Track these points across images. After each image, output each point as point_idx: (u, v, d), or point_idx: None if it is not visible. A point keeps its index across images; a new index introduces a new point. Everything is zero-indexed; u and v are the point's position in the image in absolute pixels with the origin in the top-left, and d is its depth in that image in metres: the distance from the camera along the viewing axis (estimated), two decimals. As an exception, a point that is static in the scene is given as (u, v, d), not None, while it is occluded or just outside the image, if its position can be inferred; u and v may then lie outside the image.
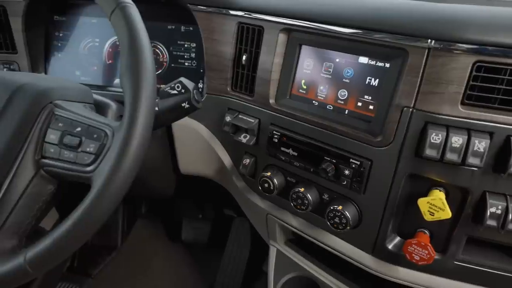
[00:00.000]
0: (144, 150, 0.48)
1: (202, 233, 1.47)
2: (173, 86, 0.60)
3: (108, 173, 0.45)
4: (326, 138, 0.70)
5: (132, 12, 0.51)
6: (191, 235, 1.46)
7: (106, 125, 0.52)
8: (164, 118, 0.62)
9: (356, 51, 0.66)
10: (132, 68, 0.47)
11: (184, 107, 0.60)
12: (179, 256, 1.50)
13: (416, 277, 0.69)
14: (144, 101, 0.47)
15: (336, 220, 0.70)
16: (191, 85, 0.61)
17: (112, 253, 1.50)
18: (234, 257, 1.37)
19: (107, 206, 0.46)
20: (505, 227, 0.57)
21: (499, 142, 0.55)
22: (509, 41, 0.51)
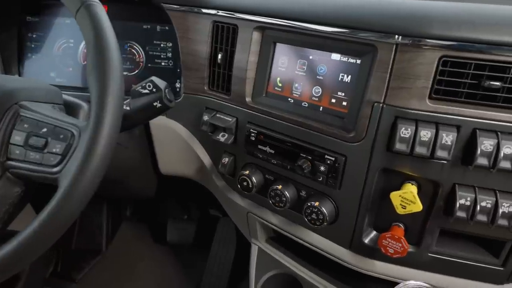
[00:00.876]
0: (112, 149, 0.48)
1: (187, 234, 1.46)
2: (144, 86, 0.60)
3: (74, 173, 0.45)
4: (302, 135, 0.70)
5: (97, 10, 0.50)
6: (176, 236, 1.46)
7: (73, 125, 0.51)
8: (136, 117, 0.61)
9: (329, 48, 0.66)
10: (98, 67, 0.47)
11: (156, 106, 0.60)
12: (165, 257, 1.49)
13: (393, 270, 0.70)
14: (111, 100, 0.47)
15: (313, 216, 0.71)
16: (162, 84, 0.60)
17: (97, 257, 1.49)
18: (220, 257, 1.37)
19: (74, 206, 0.45)
20: (474, 218, 0.58)
21: (466, 135, 0.56)
22: (472, 36, 0.53)
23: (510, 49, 0.52)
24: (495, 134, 0.54)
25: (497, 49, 0.52)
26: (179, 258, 1.49)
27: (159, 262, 1.48)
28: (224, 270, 1.33)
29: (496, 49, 0.52)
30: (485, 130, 0.55)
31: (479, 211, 0.58)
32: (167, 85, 0.61)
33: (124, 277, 1.44)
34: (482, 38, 0.52)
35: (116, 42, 0.51)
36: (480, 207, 0.58)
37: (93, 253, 1.49)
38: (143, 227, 1.61)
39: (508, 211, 0.57)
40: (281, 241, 0.90)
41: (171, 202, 1.57)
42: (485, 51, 0.53)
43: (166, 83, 0.61)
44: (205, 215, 1.51)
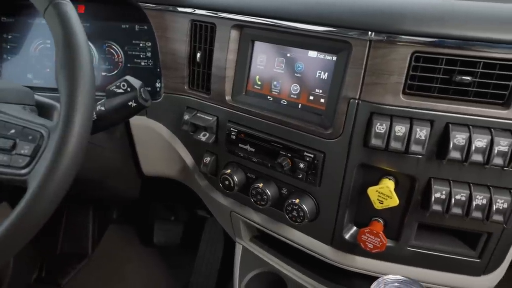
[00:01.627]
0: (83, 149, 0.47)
1: (174, 235, 1.45)
2: (119, 85, 0.59)
3: (43, 174, 0.44)
4: (281, 133, 0.70)
5: (66, 9, 0.49)
6: (162, 238, 1.45)
7: (42, 126, 0.50)
8: (112, 117, 0.60)
9: (305, 45, 0.67)
10: (67, 65, 0.46)
11: (131, 105, 0.59)
12: (152, 260, 1.48)
13: (373, 265, 0.71)
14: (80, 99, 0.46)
15: (294, 214, 0.71)
16: (137, 83, 0.60)
17: (83, 261, 1.46)
18: (207, 257, 1.36)
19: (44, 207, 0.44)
20: (449, 211, 0.59)
21: (439, 130, 0.57)
22: (442, 32, 0.53)
23: (479, 44, 0.53)
24: (467, 128, 0.55)
25: (466, 45, 0.53)
26: (167, 260, 1.48)
27: (146, 264, 1.47)
28: (212, 270, 1.33)
29: (466, 45, 0.53)
30: (458, 124, 0.56)
31: (454, 204, 0.59)
32: (142, 85, 0.61)
33: (111, 280, 1.42)
34: (452, 33, 0.53)
35: (86, 40, 0.50)
36: (454, 200, 0.58)
37: (79, 257, 1.47)
38: (130, 229, 1.59)
39: (482, 204, 0.58)
40: (265, 239, 0.90)
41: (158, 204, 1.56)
42: (455, 47, 0.53)
43: (141, 83, 0.61)
44: (193, 216, 1.50)
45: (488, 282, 0.69)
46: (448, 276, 0.69)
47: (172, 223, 1.48)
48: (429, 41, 0.54)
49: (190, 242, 1.44)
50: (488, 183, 0.58)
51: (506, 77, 0.53)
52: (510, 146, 0.54)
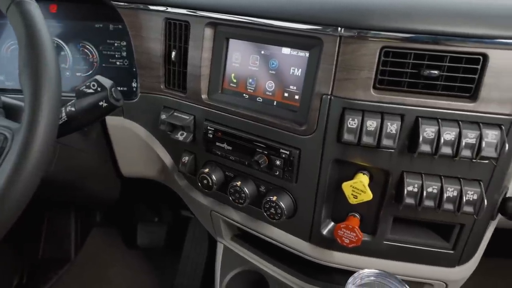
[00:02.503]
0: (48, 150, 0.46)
1: (158, 236, 1.44)
2: (89, 85, 0.58)
3: (8, 175, 0.43)
4: (257, 131, 0.70)
5: (28, 7, 0.48)
6: (146, 240, 1.43)
7: (6, 128, 0.49)
8: (83, 118, 0.59)
9: (279, 42, 0.67)
10: (30, 65, 0.45)
11: (102, 106, 0.58)
12: (137, 262, 1.46)
13: (351, 260, 0.72)
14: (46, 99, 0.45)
15: (272, 211, 0.71)
16: (108, 83, 0.59)
17: (65, 265, 1.44)
18: (192, 257, 1.35)
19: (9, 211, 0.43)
20: (421, 204, 0.60)
21: (409, 124, 0.57)
22: (410, 27, 0.54)
23: (445, 38, 0.53)
24: (436, 121, 0.56)
25: (433, 39, 0.54)
26: (152, 262, 1.46)
27: (130, 267, 1.45)
28: (197, 271, 1.32)
29: (433, 39, 0.54)
30: (427, 117, 0.57)
31: (426, 196, 0.59)
32: (113, 84, 0.60)
33: (94, 284, 1.40)
34: (419, 28, 0.54)
35: (50, 39, 0.49)
36: (426, 193, 0.59)
37: (62, 261, 1.44)
38: (114, 232, 1.57)
39: (453, 196, 0.59)
40: (247, 238, 0.90)
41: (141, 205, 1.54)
42: (423, 41, 0.54)
43: (112, 82, 0.60)
44: (177, 217, 1.49)
45: (462, 273, 0.70)
46: (424, 268, 0.70)
47: (156, 224, 1.47)
48: (397, 36, 0.55)
49: (174, 243, 1.43)
50: (459, 175, 0.60)
51: (472, 70, 0.54)
52: (477, 138, 0.55)
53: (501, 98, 0.54)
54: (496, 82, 0.54)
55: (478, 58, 0.54)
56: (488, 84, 0.54)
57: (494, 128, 0.55)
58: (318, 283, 0.80)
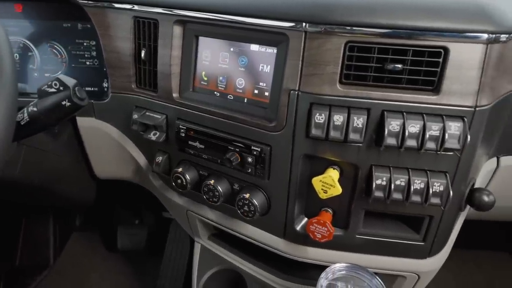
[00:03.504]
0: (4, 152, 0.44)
1: (139, 239, 1.42)
2: (51, 84, 0.57)
3: None
4: (229, 128, 0.70)
5: None
6: (127, 243, 1.41)
7: None
8: (46, 118, 0.58)
9: (247, 39, 0.66)
10: None
11: (65, 105, 0.57)
12: (118, 266, 1.44)
13: (325, 255, 0.72)
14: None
15: (246, 209, 0.71)
16: (71, 82, 0.58)
17: (44, 272, 1.40)
18: (174, 259, 1.34)
19: None
20: (390, 196, 0.60)
21: (376, 117, 0.58)
22: (372, 21, 0.55)
23: (407, 32, 0.54)
24: (401, 114, 0.57)
25: (395, 33, 0.54)
26: (133, 265, 1.44)
27: (112, 271, 1.43)
28: (179, 272, 1.31)
29: (395, 33, 0.54)
30: (392, 111, 0.57)
31: (394, 189, 0.60)
32: (76, 83, 0.58)
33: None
34: (382, 23, 0.54)
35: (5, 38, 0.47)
36: (394, 186, 0.60)
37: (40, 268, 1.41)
38: (94, 236, 1.55)
39: (420, 188, 0.60)
40: (224, 237, 0.90)
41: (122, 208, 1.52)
42: (385, 35, 0.55)
43: (75, 81, 0.59)
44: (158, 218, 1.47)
45: (433, 264, 0.71)
46: (396, 261, 0.71)
47: (136, 226, 1.45)
48: (360, 30, 0.55)
49: (156, 245, 1.41)
50: (425, 167, 0.60)
51: (434, 64, 0.55)
52: (441, 130, 0.56)
53: (463, 90, 0.55)
54: (458, 75, 0.55)
55: (439, 51, 0.55)
56: (450, 77, 0.55)
57: (456, 120, 0.56)
58: (295, 279, 0.80)
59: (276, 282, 0.80)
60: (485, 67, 0.55)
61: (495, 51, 0.55)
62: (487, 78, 0.55)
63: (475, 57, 0.54)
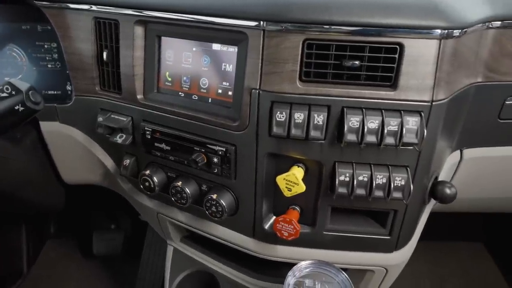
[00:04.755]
0: None
1: (115, 244, 1.39)
2: (2, 89, 0.55)
3: None
4: (194, 129, 0.69)
5: None
6: (103, 248, 1.38)
7: None
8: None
9: (209, 38, 0.66)
10: None
11: (18, 110, 0.55)
12: (95, 273, 1.41)
13: (294, 252, 0.72)
14: None
15: (213, 209, 0.70)
16: (24, 86, 0.56)
17: (17, 281, 1.36)
18: (151, 263, 1.32)
19: None
20: (353, 192, 0.61)
21: (336, 114, 0.58)
22: (328, 19, 0.55)
23: (362, 29, 0.54)
24: (360, 110, 0.57)
25: (351, 30, 0.55)
26: (111, 270, 1.41)
27: (89, 278, 1.40)
28: (156, 275, 1.29)
29: (351, 30, 0.55)
30: (352, 107, 0.58)
31: (357, 185, 0.61)
32: (30, 87, 0.57)
33: (49, 299, 1.34)
34: (337, 20, 0.54)
35: None
36: (357, 181, 0.60)
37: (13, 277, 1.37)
38: (70, 243, 1.51)
39: (382, 182, 0.60)
40: (197, 239, 0.89)
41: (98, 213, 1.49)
42: (342, 32, 0.55)
43: (29, 85, 0.57)
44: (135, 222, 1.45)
45: (400, 257, 0.72)
46: (364, 255, 0.71)
47: (112, 231, 1.42)
48: (318, 28, 0.55)
49: (133, 249, 1.39)
50: (387, 162, 0.61)
51: (390, 60, 0.56)
52: (399, 125, 0.56)
53: (419, 85, 0.56)
54: (414, 70, 0.56)
55: (395, 47, 0.55)
56: (406, 72, 0.56)
57: (414, 115, 0.57)
58: (267, 278, 0.80)
59: (248, 281, 0.80)
60: (439, 62, 0.56)
61: (449, 47, 0.56)
62: (442, 73, 0.56)
63: (430, 53, 0.55)
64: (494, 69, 0.66)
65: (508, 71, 0.67)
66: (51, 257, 1.47)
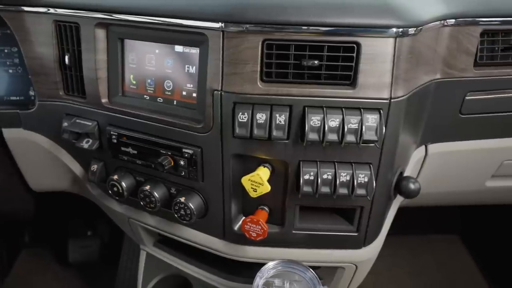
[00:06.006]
0: None
1: (91, 251, 1.36)
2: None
3: None
4: (160, 132, 0.68)
5: None
6: (78, 256, 1.35)
7: None
8: None
9: (171, 40, 0.65)
10: None
11: None
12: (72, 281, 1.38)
13: (264, 252, 0.72)
14: None
15: (182, 212, 0.70)
16: None
17: (-10, 293, 1.32)
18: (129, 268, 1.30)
19: None
20: (318, 191, 0.61)
21: (298, 114, 0.59)
22: (285, 19, 0.55)
23: (319, 29, 0.55)
24: (321, 109, 0.58)
25: (308, 30, 0.55)
26: (88, 278, 1.38)
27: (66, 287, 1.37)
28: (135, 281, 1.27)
29: (308, 30, 0.55)
30: (313, 107, 0.58)
31: (322, 183, 0.61)
32: None
33: (24, 310, 1.30)
34: (293, 20, 0.55)
35: None
36: (322, 180, 0.61)
37: (-14, 290, 1.32)
38: (46, 252, 1.47)
39: (346, 180, 0.61)
40: (170, 243, 0.88)
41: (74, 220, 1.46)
42: (299, 32, 0.55)
43: None
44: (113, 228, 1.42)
45: (369, 253, 0.73)
46: (334, 253, 0.72)
47: (89, 238, 1.39)
48: (274, 28, 0.55)
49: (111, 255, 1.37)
50: (351, 160, 0.62)
51: (349, 58, 0.57)
52: (359, 123, 0.57)
53: (377, 83, 0.57)
54: (371, 68, 0.57)
55: (352, 46, 0.56)
56: (364, 70, 0.57)
57: (373, 113, 0.57)
58: (240, 279, 0.80)
59: (221, 283, 0.80)
60: (396, 60, 0.57)
61: (405, 45, 0.57)
62: (400, 70, 0.58)
63: (386, 51, 0.56)
64: (453, 65, 0.68)
65: (466, 67, 0.69)
66: (26, 267, 1.43)
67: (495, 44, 0.69)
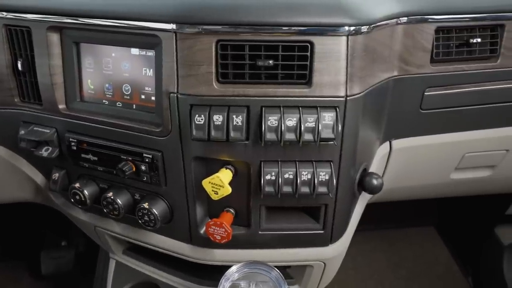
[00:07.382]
0: None
1: (65, 262, 1.33)
2: None
3: None
4: (119, 137, 0.67)
5: None
6: (51, 267, 1.31)
7: None
8: None
9: (126, 43, 0.64)
10: None
11: None
12: (47, 293, 1.34)
13: (232, 255, 0.72)
14: None
15: (146, 218, 0.68)
16: None
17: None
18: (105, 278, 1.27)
19: None
20: (280, 190, 0.61)
21: (256, 114, 0.58)
22: (237, 19, 0.55)
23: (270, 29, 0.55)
24: (278, 109, 0.58)
25: (262, 30, 0.55)
26: (64, 290, 1.35)
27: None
28: (111, 291, 1.24)
29: (262, 30, 0.55)
30: (271, 107, 0.58)
31: (283, 183, 0.61)
32: None
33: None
34: (245, 20, 0.54)
35: None
36: (283, 179, 0.61)
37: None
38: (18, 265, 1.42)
39: (307, 179, 0.61)
40: (139, 250, 0.86)
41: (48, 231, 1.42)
42: (252, 32, 0.55)
43: None
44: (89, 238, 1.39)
45: (336, 250, 0.73)
46: (301, 251, 0.72)
47: (62, 249, 1.35)
48: (227, 29, 0.55)
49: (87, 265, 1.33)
50: (312, 158, 0.62)
51: (304, 57, 0.57)
52: (316, 121, 0.57)
53: (333, 81, 0.57)
54: (326, 67, 0.57)
55: (306, 45, 0.56)
56: (319, 69, 0.57)
57: (330, 111, 0.58)
58: (211, 282, 0.79)
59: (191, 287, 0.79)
60: (350, 58, 0.57)
61: (358, 43, 0.57)
62: (354, 68, 0.58)
63: (339, 49, 0.56)
64: (410, 62, 0.69)
65: (423, 64, 0.70)
66: (-3, 282, 1.38)
67: (450, 41, 0.71)
